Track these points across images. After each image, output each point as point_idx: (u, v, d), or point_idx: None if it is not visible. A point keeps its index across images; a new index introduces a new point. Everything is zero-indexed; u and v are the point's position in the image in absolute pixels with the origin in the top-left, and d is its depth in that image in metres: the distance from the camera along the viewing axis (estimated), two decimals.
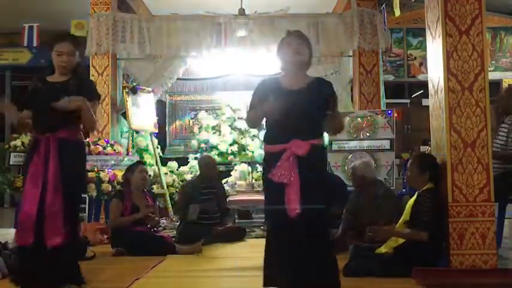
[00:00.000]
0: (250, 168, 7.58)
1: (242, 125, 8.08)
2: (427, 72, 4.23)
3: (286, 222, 2.78)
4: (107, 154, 6.21)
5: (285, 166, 2.82)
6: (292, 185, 2.80)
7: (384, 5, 6.73)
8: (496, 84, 9.23)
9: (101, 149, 6.21)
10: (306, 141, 2.85)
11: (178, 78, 8.01)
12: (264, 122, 3.06)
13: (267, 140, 3.02)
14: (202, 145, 8.09)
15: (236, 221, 6.69)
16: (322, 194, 2.89)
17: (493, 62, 9.96)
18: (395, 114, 6.27)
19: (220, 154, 7.99)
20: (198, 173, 5.89)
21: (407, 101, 10.35)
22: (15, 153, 5.59)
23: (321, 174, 2.97)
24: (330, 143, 6.11)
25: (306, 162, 2.82)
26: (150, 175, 7.02)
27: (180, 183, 7.30)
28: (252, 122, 3.12)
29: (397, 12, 5.58)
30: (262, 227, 6.22)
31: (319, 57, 7.14)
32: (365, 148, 5.98)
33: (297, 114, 2.85)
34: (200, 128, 8.36)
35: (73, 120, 3.24)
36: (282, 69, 3.08)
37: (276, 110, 2.86)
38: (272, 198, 2.93)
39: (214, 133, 8.18)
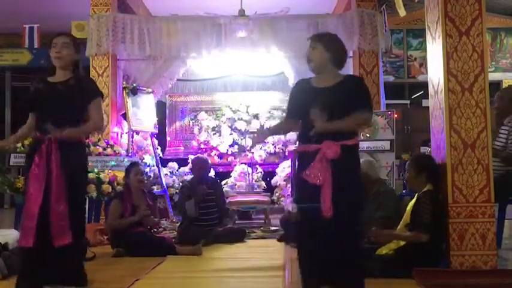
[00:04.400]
0: (250, 169, 7.58)
1: (242, 125, 8.09)
2: (427, 73, 4.23)
3: (319, 222, 2.83)
4: (107, 155, 6.21)
5: (319, 167, 2.86)
6: (326, 186, 2.83)
7: (384, 6, 6.73)
8: (496, 85, 9.21)
9: (101, 149, 6.21)
10: (337, 142, 2.87)
11: (178, 79, 8.01)
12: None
13: (300, 139, 3.12)
14: (202, 146, 8.10)
15: (236, 221, 6.70)
16: (355, 195, 2.93)
17: (493, 62, 9.95)
18: (395, 115, 6.26)
19: (220, 155, 7.99)
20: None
21: (408, 101, 10.34)
22: (15, 154, 5.58)
23: (354, 174, 2.98)
24: None
25: (338, 163, 2.85)
26: (150, 176, 7.03)
27: (180, 184, 7.30)
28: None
29: (402, 13, 5.48)
30: (261, 228, 6.22)
31: None
32: (365, 149, 5.96)
33: (326, 113, 2.91)
34: (200, 128, 8.37)
35: (75, 122, 3.24)
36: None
37: (304, 108, 2.95)
38: (304, 198, 2.97)
39: (214, 134, 8.18)
